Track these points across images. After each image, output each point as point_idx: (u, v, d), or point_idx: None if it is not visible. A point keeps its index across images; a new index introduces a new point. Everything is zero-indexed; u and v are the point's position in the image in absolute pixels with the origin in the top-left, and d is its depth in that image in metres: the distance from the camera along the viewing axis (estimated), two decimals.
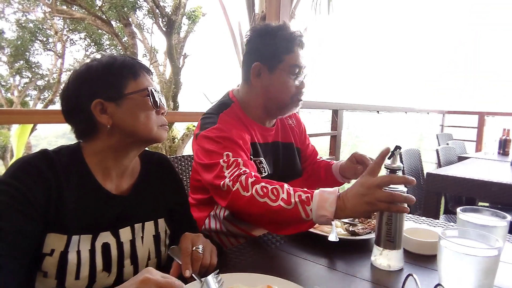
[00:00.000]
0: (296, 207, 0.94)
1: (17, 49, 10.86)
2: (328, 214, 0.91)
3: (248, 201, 0.99)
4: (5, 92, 11.77)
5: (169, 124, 7.11)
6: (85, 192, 0.83)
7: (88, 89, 0.84)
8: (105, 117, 0.84)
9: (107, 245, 0.84)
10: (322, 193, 0.94)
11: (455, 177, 2.29)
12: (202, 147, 1.16)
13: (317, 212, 0.92)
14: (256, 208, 0.98)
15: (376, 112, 4.00)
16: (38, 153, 0.81)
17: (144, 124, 0.87)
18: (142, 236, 0.91)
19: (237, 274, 0.82)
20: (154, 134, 0.89)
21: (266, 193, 0.97)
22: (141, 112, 0.87)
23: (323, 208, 0.91)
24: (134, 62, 0.89)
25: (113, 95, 0.84)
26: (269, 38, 1.26)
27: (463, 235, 0.78)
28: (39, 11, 11.12)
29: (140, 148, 0.94)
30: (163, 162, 1.04)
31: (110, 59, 0.87)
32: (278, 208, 0.95)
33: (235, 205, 1.02)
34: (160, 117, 0.91)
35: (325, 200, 0.92)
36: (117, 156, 0.89)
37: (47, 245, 0.77)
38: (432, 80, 24.63)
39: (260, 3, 2.77)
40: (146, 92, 0.87)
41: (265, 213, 0.97)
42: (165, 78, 9.98)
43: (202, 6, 10.29)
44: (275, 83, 1.27)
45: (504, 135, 3.48)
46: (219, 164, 1.08)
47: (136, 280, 0.63)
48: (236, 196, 1.01)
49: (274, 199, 0.96)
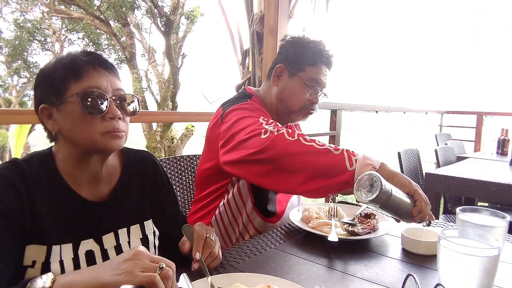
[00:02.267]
0: (342, 154, 0.99)
1: (15, 49, 10.82)
2: (374, 163, 0.96)
3: (292, 142, 1.01)
4: (3, 92, 11.73)
5: (168, 124, 7.06)
6: (58, 200, 0.80)
7: (39, 91, 0.80)
8: (51, 123, 0.80)
9: (91, 253, 0.82)
10: (366, 154, 1.00)
11: (454, 177, 2.29)
12: (232, 120, 1.17)
13: (363, 161, 0.96)
14: (300, 148, 1.00)
15: (375, 112, 4.00)
16: (7, 162, 0.78)
17: (82, 132, 0.78)
18: (129, 241, 0.89)
19: (237, 274, 0.81)
20: (98, 143, 0.79)
21: (313, 140, 1.03)
22: (77, 119, 0.77)
23: (369, 159, 0.97)
24: (77, 58, 0.79)
25: (54, 99, 0.78)
26: (299, 46, 1.33)
27: (463, 235, 0.78)
28: (37, 11, 11.10)
29: (97, 156, 0.84)
30: (146, 160, 0.98)
31: (61, 57, 0.80)
32: (324, 150, 0.99)
33: (274, 147, 1.02)
34: (108, 123, 0.79)
35: (369, 157, 0.98)
36: (80, 163, 0.83)
37: (27, 258, 0.76)
38: (430, 80, 24.70)
39: (259, 3, 2.77)
40: (78, 96, 0.76)
41: (309, 153, 0.99)
42: (164, 78, 9.96)
43: (201, 6, 10.27)
44: (291, 88, 1.32)
45: (503, 135, 3.49)
46: (258, 121, 1.11)
47: (128, 254, 0.63)
48: (279, 138, 1.02)
49: (321, 144, 1.02)
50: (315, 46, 1.32)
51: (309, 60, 1.30)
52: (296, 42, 1.35)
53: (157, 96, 9.96)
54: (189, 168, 1.64)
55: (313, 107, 1.35)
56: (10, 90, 11.69)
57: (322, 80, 1.32)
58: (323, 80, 1.33)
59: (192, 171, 1.65)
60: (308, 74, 1.30)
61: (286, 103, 1.33)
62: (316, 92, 1.33)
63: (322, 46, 1.32)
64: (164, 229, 0.99)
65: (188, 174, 1.64)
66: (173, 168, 1.58)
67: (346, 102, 3.39)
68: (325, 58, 1.32)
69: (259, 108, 1.24)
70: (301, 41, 1.35)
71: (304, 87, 1.31)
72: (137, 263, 0.61)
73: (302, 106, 1.33)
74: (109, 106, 0.79)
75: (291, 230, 1.18)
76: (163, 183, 1.01)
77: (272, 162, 1.03)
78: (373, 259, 0.97)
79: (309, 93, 1.32)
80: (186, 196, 1.62)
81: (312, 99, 1.33)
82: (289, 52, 1.34)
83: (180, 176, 1.61)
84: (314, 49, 1.31)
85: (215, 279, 0.77)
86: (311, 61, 1.30)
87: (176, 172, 1.59)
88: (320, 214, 1.20)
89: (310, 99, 1.33)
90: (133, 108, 0.85)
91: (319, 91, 1.33)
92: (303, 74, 1.30)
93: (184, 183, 1.62)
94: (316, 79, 1.31)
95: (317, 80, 1.31)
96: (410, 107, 5.06)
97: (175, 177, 1.58)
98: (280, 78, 1.35)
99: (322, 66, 1.32)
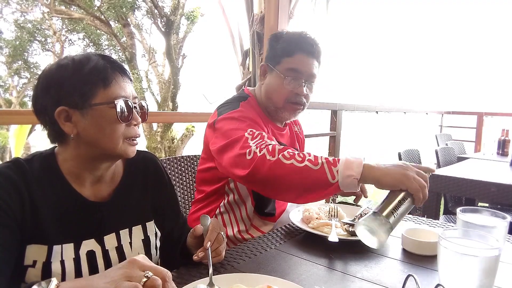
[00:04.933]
0: (322, 167, 0.94)
1: (15, 49, 10.83)
2: (355, 174, 0.91)
3: (274, 163, 0.98)
4: (4, 92, 11.74)
5: (168, 125, 7.06)
6: (60, 200, 0.80)
7: (54, 93, 0.78)
8: (69, 125, 0.79)
9: (92, 253, 0.83)
10: (348, 157, 0.95)
11: (455, 178, 2.29)
12: (222, 129, 1.15)
13: (343, 172, 0.91)
14: (281, 170, 0.97)
15: (375, 113, 4.00)
16: (9, 162, 0.78)
17: (108, 138, 0.81)
18: (131, 242, 0.89)
19: (237, 274, 0.81)
20: (119, 150, 0.82)
21: (293, 155, 0.98)
22: (107, 125, 0.80)
23: (350, 168, 0.91)
24: (106, 66, 0.81)
25: (79, 103, 0.78)
26: (275, 41, 1.31)
27: (463, 235, 0.78)
28: (38, 11, 11.11)
29: (110, 161, 0.87)
30: (148, 161, 0.99)
31: (82, 61, 0.80)
32: (304, 168, 0.95)
33: (260, 170, 0.99)
34: (131, 128, 0.84)
35: (351, 162, 0.92)
36: (87, 166, 0.84)
37: (28, 257, 0.76)
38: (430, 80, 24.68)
39: (259, 4, 2.77)
40: (113, 104, 0.79)
41: (291, 173, 0.95)
42: (164, 78, 9.97)
43: (201, 6, 10.29)
44: (272, 83, 1.30)
45: (503, 136, 3.49)
46: (244, 136, 1.08)
47: (123, 262, 0.64)
48: (261, 160, 0.99)
49: (300, 160, 0.96)
50: (289, 38, 1.29)
51: (284, 51, 1.28)
52: (273, 37, 1.33)
53: (157, 96, 9.98)
54: (189, 168, 1.65)
55: (299, 99, 1.30)
56: (10, 91, 11.70)
57: (302, 69, 1.27)
58: (303, 69, 1.27)
59: (192, 171, 1.65)
60: (285, 65, 1.27)
61: (272, 99, 1.31)
62: (297, 81, 1.27)
63: (301, 36, 1.28)
64: (165, 230, 0.99)
65: (188, 174, 1.64)
66: (174, 168, 1.58)
67: (347, 103, 3.39)
68: (304, 46, 1.27)
69: (248, 116, 1.18)
70: (277, 35, 1.33)
71: (282, 80, 1.27)
72: (126, 271, 0.62)
73: (286, 99, 1.29)
74: (133, 113, 0.84)
75: (291, 230, 1.18)
76: (165, 184, 1.02)
77: (262, 184, 1.04)
78: (374, 260, 0.97)
79: (289, 84, 1.27)
80: (186, 196, 1.62)
81: (294, 90, 1.27)
82: (268, 48, 1.34)
83: (180, 176, 1.61)
84: (289, 40, 1.29)
85: (215, 279, 0.77)
86: (287, 53, 1.27)
87: (176, 172, 1.59)
88: (320, 215, 1.20)
89: (292, 90, 1.27)
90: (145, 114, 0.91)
91: (302, 81, 1.27)
92: (280, 67, 1.28)
93: (185, 183, 1.62)
94: (293, 68, 1.26)
95: (295, 69, 1.26)
96: (411, 107, 5.06)
97: (175, 177, 1.58)
98: (265, 76, 1.34)
99: (301, 55, 1.27)
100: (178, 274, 0.85)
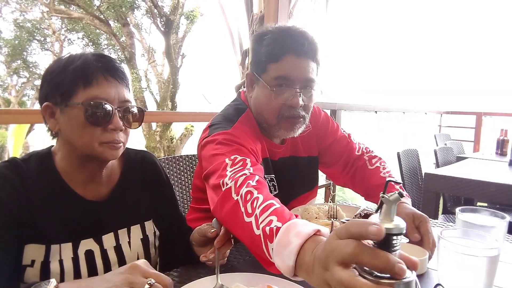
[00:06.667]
0: (259, 237, 0.66)
1: (14, 48, 10.82)
2: (283, 268, 0.59)
3: (229, 209, 0.76)
4: (3, 92, 11.73)
5: (167, 124, 7.09)
6: (57, 199, 0.80)
7: (45, 88, 0.80)
8: (52, 121, 0.80)
9: (91, 252, 0.82)
10: (288, 230, 0.61)
11: (454, 178, 2.29)
12: (207, 155, 0.96)
13: (274, 257, 0.62)
14: (233, 220, 0.75)
15: (374, 112, 4.00)
16: (6, 162, 0.79)
17: (81, 139, 0.78)
18: (129, 241, 0.89)
19: (237, 274, 0.81)
20: (94, 151, 0.79)
21: (249, 200, 0.73)
22: (77, 127, 0.78)
23: (280, 254, 0.60)
24: (91, 66, 0.78)
25: (59, 100, 0.78)
26: (257, 43, 1.07)
27: (463, 235, 0.78)
28: (37, 11, 11.11)
29: (94, 162, 0.83)
30: (146, 160, 0.98)
31: (74, 59, 0.79)
32: (246, 225, 0.70)
33: (220, 211, 0.79)
34: (108, 133, 0.79)
35: (285, 245, 0.59)
36: (76, 165, 0.83)
37: (26, 257, 0.76)
38: (430, 80, 24.72)
39: (259, 3, 2.77)
40: (81, 106, 0.76)
41: (238, 226, 0.73)
42: (163, 78, 9.96)
43: (200, 6, 10.29)
44: (260, 96, 1.08)
45: (502, 135, 3.49)
46: (224, 162, 0.87)
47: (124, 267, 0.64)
48: (222, 198, 0.79)
49: (251, 210, 0.71)
50: (274, 37, 1.03)
51: (270, 56, 1.03)
52: (256, 38, 1.08)
53: (156, 96, 9.97)
54: (188, 167, 1.64)
55: (294, 113, 1.05)
56: (9, 90, 11.69)
57: (293, 75, 1.02)
58: (295, 75, 1.02)
59: (191, 170, 1.65)
60: (272, 73, 1.03)
61: (263, 115, 1.09)
62: (289, 91, 1.03)
63: (288, 33, 1.03)
64: (163, 229, 0.99)
65: (187, 173, 1.64)
66: (172, 168, 1.58)
67: (346, 102, 3.39)
68: (293, 46, 1.01)
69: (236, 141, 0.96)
70: (260, 35, 1.06)
71: (270, 92, 1.03)
72: (128, 277, 0.62)
73: (278, 115, 1.05)
74: (113, 117, 0.79)
75: None
76: (163, 183, 1.01)
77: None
78: None
79: (279, 96, 1.03)
80: (186, 195, 1.62)
81: (286, 102, 1.04)
82: (252, 53, 1.09)
83: (179, 176, 1.60)
84: (274, 40, 1.03)
85: (215, 279, 0.77)
86: (272, 57, 1.02)
87: (175, 172, 1.59)
88: (319, 215, 1.20)
89: (284, 103, 1.04)
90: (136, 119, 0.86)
91: (295, 90, 1.02)
92: (266, 76, 1.04)
93: (184, 183, 1.62)
94: (283, 76, 1.02)
95: (285, 77, 1.02)
96: (410, 107, 5.06)
97: (174, 177, 1.58)
98: (252, 87, 1.11)
99: (291, 57, 1.01)
100: (178, 274, 0.84)
